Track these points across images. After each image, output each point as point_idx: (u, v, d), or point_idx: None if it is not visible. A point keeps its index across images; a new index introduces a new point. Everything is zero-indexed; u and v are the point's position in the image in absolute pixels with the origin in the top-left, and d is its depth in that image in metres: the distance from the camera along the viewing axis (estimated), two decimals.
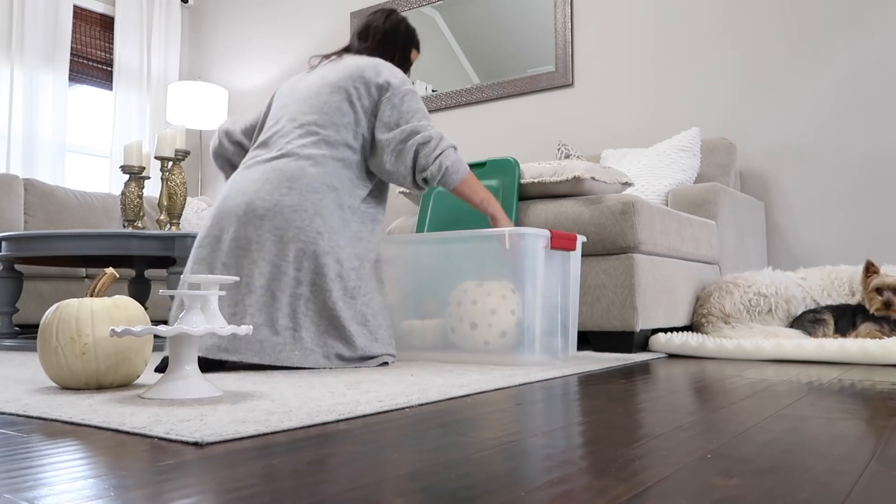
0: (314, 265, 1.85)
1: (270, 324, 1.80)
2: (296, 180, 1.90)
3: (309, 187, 1.90)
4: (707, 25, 3.37)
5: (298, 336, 1.81)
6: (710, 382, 1.51)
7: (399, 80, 2.04)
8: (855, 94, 3.02)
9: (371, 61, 2.08)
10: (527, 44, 3.84)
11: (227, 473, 0.72)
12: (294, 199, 1.88)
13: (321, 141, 1.97)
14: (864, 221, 2.97)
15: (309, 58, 2.61)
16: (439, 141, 1.98)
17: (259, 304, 1.81)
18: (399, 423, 1.01)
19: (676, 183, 2.91)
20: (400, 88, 2.02)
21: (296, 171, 1.92)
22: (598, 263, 2.29)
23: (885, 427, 0.97)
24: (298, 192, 1.89)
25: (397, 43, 2.25)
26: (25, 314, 3.44)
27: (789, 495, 0.63)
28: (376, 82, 2.02)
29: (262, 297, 1.82)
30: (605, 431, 0.94)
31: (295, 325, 1.81)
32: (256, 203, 1.88)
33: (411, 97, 2.03)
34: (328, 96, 2.03)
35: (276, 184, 1.90)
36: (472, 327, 1.97)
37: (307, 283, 1.84)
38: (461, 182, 2.01)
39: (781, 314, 2.45)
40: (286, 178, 1.90)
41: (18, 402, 1.19)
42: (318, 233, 1.87)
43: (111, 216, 4.16)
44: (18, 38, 4.29)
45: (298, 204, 1.87)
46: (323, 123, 1.99)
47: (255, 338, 1.79)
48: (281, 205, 1.87)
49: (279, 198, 1.88)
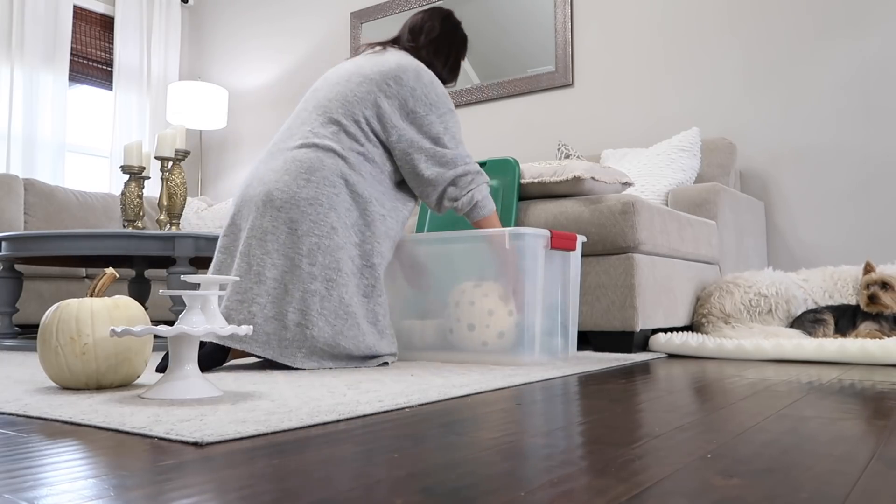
0: (328, 260, 1.83)
1: (280, 317, 1.79)
2: (313, 172, 1.88)
3: (326, 180, 1.88)
4: (707, 25, 3.37)
5: (309, 335, 1.79)
6: (710, 382, 1.51)
7: (438, 96, 2.00)
8: (855, 95, 3.02)
9: (413, 64, 2.02)
10: (527, 44, 3.84)
11: (227, 473, 0.72)
12: (311, 191, 1.86)
13: (342, 132, 1.94)
14: (864, 222, 2.97)
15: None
16: (476, 175, 2.00)
17: (270, 296, 1.81)
18: (399, 423, 1.01)
19: (676, 183, 2.91)
20: (442, 104, 2.00)
21: (314, 162, 1.89)
22: (598, 263, 2.29)
23: (885, 427, 0.97)
24: (315, 185, 1.87)
25: (452, 47, 2.19)
26: (25, 314, 3.44)
27: (789, 495, 0.63)
28: (411, 87, 1.97)
29: (273, 290, 1.81)
30: (605, 431, 0.94)
31: (307, 323, 1.79)
32: (275, 194, 1.87)
33: (450, 117, 2.01)
34: (356, 86, 1.98)
35: (295, 175, 1.88)
36: (470, 328, 1.97)
37: (321, 278, 1.82)
38: (483, 219, 2.03)
39: (782, 314, 2.45)
40: (304, 170, 1.88)
41: (18, 402, 1.19)
42: (332, 227, 1.85)
43: (111, 216, 4.16)
44: (18, 38, 4.29)
45: (314, 197, 1.86)
46: (346, 114, 1.96)
47: (263, 329, 1.79)
48: (297, 197, 1.86)
49: (296, 189, 1.86)
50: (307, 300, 1.80)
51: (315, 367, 1.80)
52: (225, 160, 5.13)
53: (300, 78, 4.79)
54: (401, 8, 4.28)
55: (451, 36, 2.19)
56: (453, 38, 2.19)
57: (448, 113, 2.01)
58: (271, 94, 4.93)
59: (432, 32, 2.15)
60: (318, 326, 1.79)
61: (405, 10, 4.26)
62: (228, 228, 1.96)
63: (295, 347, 1.79)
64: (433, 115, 1.98)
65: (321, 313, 1.80)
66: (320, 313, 1.80)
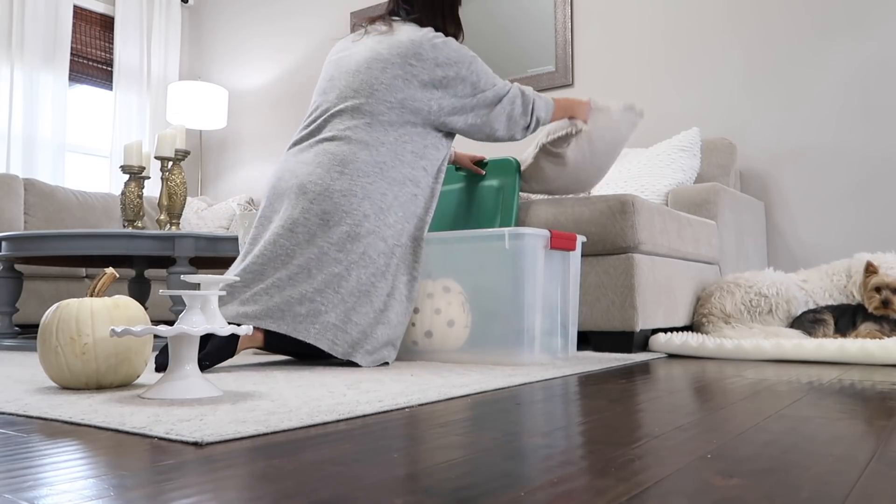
0: (356, 245, 1.87)
1: (297, 295, 1.83)
2: (347, 164, 1.91)
3: (360, 171, 1.91)
4: (707, 25, 3.37)
5: (323, 310, 1.82)
6: (710, 382, 1.51)
7: (456, 51, 2.04)
8: (855, 95, 3.02)
9: (423, 35, 2.03)
10: (527, 44, 3.84)
11: (227, 473, 0.72)
12: (345, 183, 1.89)
13: (375, 121, 1.96)
14: (864, 222, 2.97)
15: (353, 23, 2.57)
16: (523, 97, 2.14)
17: (291, 278, 1.84)
18: (399, 423, 1.01)
19: (676, 183, 2.91)
20: (464, 59, 2.04)
21: (347, 154, 1.92)
22: (598, 263, 2.29)
23: (885, 427, 0.97)
24: (349, 177, 1.90)
25: (444, 3, 2.19)
26: (25, 314, 3.44)
27: (789, 495, 0.63)
28: (433, 57, 2.00)
29: (296, 273, 1.85)
30: (605, 431, 0.94)
31: (322, 300, 1.83)
32: (308, 186, 1.91)
33: (476, 64, 2.07)
34: (381, 73, 2.00)
35: (328, 167, 1.91)
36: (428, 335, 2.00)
37: (346, 262, 1.86)
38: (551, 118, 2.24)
39: (782, 314, 2.45)
40: (337, 163, 1.91)
41: (18, 402, 1.19)
42: (364, 215, 1.89)
43: (111, 216, 4.16)
44: (18, 38, 4.29)
45: (349, 189, 1.89)
46: (378, 101, 1.98)
47: (278, 306, 1.82)
48: (331, 189, 1.89)
49: (330, 182, 1.89)
50: (327, 280, 1.84)
51: (325, 347, 1.82)
52: (225, 160, 5.13)
53: (300, 78, 4.79)
54: None
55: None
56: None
57: (472, 61, 2.06)
58: (271, 94, 4.92)
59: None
60: (332, 303, 1.83)
61: None
62: (259, 220, 2.01)
63: (308, 323, 1.82)
64: (463, 71, 2.04)
65: (337, 291, 1.84)
66: (336, 291, 1.84)
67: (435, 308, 1.99)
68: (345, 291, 1.85)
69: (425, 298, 2.01)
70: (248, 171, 5.00)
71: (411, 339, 2.04)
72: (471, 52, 2.08)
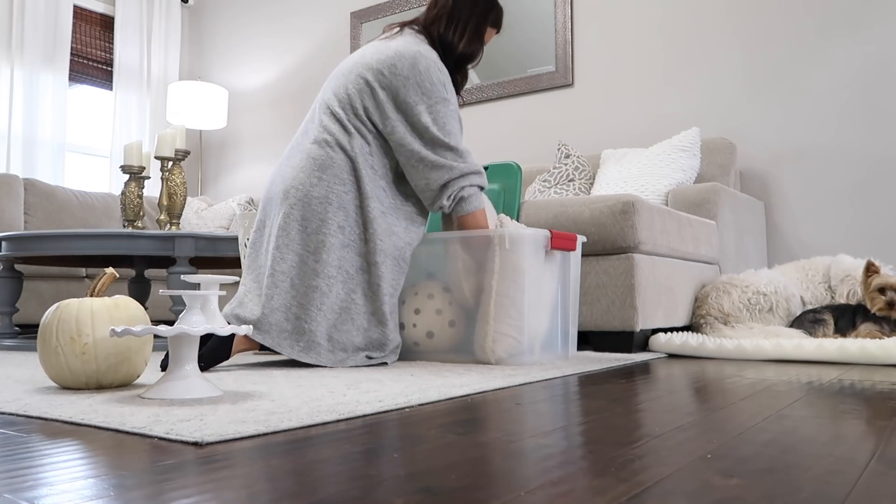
0: (332, 258, 1.86)
1: (284, 310, 1.85)
2: (325, 170, 1.91)
3: (337, 178, 1.90)
4: (707, 25, 3.37)
5: (307, 329, 1.83)
6: (710, 382, 1.51)
7: (433, 83, 1.91)
8: (855, 94, 3.01)
9: (412, 50, 1.93)
10: (527, 44, 3.84)
11: (227, 473, 0.72)
12: (322, 189, 1.89)
13: (346, 127, 1.94)
14: (864, 221, 2.97)
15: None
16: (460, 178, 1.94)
17: (278, 288, 1.85)
18: (399, 423, 1.01)
19: (676, 183, 2.91)
20: (436, 92, 1.91)
21: (325, 159, 1.91)
22: (598, 263, 2.29)
23: (885, 427, 0.97)
24: (326, 184, 1.90)
25: (471, 17, 2.03)
26: (25, 314, 3.44)
27: (789, 495, 0.63)
28: (405, 75, 1.90)
29: (281, 283, 1.86)
30: (605, 431, 0.94)
31: (306, 318, 1.83)
32: (291, 192, 1.92)
33: (443, 106, 1.92)
34: (356, 78, 1.97)
35: (309, 172, 1.92)
36: (430, 336, 2.01)
37: (324, 275, 1.86)
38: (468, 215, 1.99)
39: (782, 313, 2.45)
40: (317, 167, 1.91)
41: (18, 402, 1.19)
42: (339, 227, 1.88)
43: (111, 216, 4.16)
44: (18, 38, 4.29)
45: (325, 196, 1.89)
46: (347, 107, 1.96)
47: (268, 320, 1.83)
48: (310, 195, 1.89)
49: (309, 188, 1.90)
50: (309, 295, 1.85)
51: (312, 362, 1.83)
52: (225, 160, 5.13)
53: (300, 78, 4.79)
54: (401, 8, 4.28)
55: (470, 4, 2.04)
56: (472, 5, 2.04)
57: (441, 102, 1.92)
58: (271, 94, 4.92)
59: (447, 2, 2.04)
60: (315, 321, 1.83)
61: (405, 10, 4.26)
62: (256, 225, 2.03)
63: (293, 340, 1.83)
64: (422, 105, 1.91)
65: (319, 309, 1.84)
66: (319, 309, 1.84)
67: (436, 309, 1.99)
68: (326, 308, 1.85)
69: (426, 299, 2.01)
70: (248, 171, 5.00)
71: (412, 340, 2.03)
72: (447, 93, 1.95)
